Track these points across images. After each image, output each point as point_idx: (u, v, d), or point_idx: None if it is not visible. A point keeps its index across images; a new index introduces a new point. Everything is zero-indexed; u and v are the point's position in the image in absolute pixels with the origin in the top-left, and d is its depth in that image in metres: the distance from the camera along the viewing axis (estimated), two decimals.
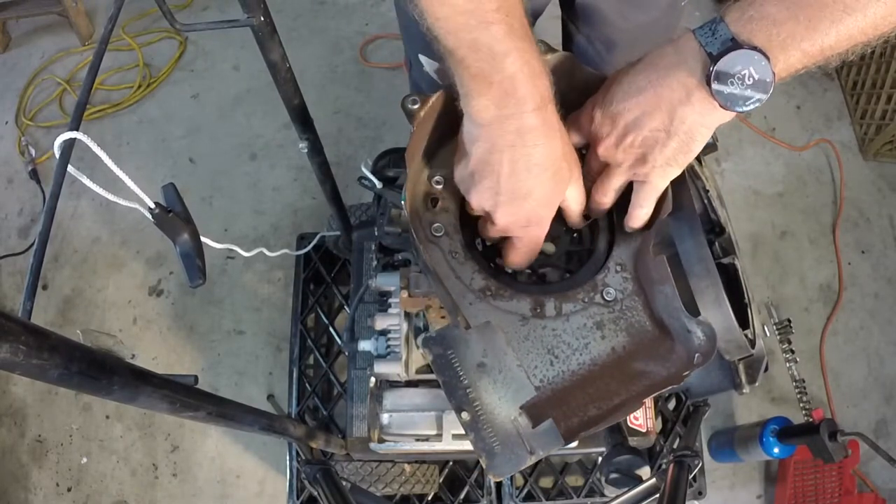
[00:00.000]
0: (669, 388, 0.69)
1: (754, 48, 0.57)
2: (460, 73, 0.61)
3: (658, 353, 0.71)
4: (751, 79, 0.58)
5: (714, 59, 0.58)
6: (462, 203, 0.76)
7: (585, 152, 0.75)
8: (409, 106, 0.70)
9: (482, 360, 0.69)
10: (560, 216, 0.76)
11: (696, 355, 0.68)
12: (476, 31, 0.57)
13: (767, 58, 0.57)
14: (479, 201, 0.70)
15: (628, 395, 0.69)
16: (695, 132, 0.63)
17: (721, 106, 0.60)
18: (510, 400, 0.68)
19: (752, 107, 0.59)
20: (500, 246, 0.77)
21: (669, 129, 0.63)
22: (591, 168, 0.74)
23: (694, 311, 0.72)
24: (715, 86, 0.59)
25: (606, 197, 0.74)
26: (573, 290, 0.74)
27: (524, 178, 0.65)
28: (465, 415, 0.67)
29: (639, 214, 0.72)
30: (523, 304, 0.72)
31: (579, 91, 0.74)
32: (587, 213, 0.77)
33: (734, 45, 0.58)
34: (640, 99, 0.64)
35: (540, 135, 0.63)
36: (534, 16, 1.19)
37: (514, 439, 0.67)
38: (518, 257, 0.75)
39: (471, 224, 0.77)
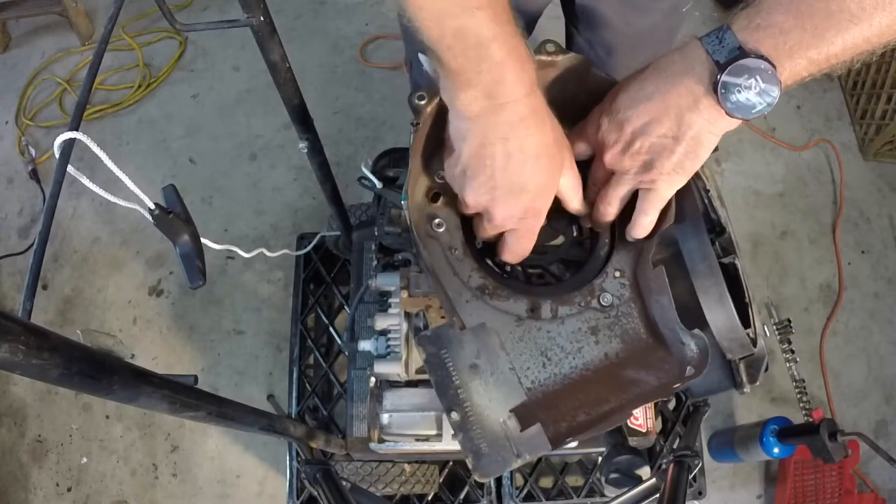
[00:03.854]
0: (659, 399, 0.69)
1: (761, 57, 0.57)
2: (445, 65, 0.59)
3: (650, 362, 0.70)
4: (757, 87, 0.58)
5: (721, 67, 0.58)
6: None
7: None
8: (416, 101, 0.70)
9: (475, 362, 0.69)
10: (561, 208, 0.75)
11: (689, 367, 0.68)
12: (461, 18, 0.55)
13: (774, 66, 0.57)
14: (474, 199, 0.68)
15: (618, 402, 0.69)
16: (702, 138, 0.63)
17: (727, 114, 0.60)
18: (500, 403, 0.68)
19: (758, 114, 0.59)
20: (495, 243, 0.76)
21: (677, 135, 0.63)
22: (597, 177, 0.73)
23: (696, 311, 0.72)
24: (722, 94, 0.58)
25: (611, 206, 0.72)
26: (570, 293, 0.73)
27: (520, 169, 0.64)
28: (454, 415, 0.67)
29: (643, 222, 0.71)
30: (520, 304, 0.72)
31: (589, 95, 0.73)
32: (589, 204, 0.75)
33: (741, 53, 0.58)
34: (648, 105, 0.63)
35: (532, 123, 0.62)
36: (533, 17, 1.18)
37: (502, 442, 0.66)
38: (516, 250, 0.73)
39: (470, 225, 0.76)
